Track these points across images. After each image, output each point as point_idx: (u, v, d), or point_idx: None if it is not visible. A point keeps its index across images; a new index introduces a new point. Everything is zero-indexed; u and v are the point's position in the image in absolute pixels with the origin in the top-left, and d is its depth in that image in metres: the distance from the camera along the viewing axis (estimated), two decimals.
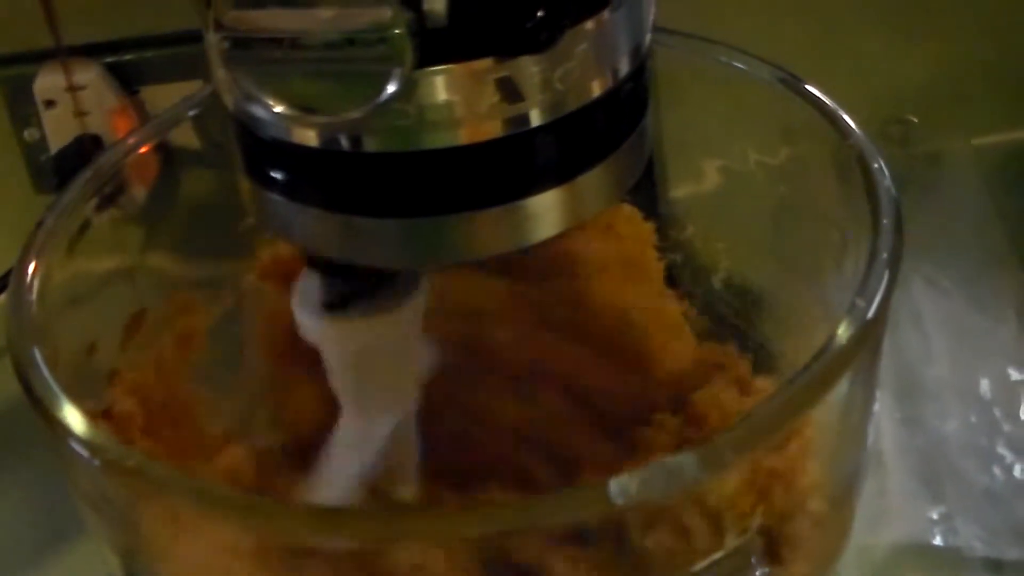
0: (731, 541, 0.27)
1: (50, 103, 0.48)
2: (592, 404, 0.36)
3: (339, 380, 0.30)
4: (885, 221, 0.29)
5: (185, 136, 0.35)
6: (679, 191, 0.39)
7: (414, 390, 0.31)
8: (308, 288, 0.29)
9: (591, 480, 0.27)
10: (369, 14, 0.21)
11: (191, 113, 0.34)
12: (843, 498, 0.31)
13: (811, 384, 0.26)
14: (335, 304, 0.29)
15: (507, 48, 0.23)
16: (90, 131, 0.47)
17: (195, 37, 0.24)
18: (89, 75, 0.47)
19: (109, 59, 0.48)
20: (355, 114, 0.22)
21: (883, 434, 0.44)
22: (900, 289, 0.49)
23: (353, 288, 0.29)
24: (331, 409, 0.31)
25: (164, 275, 0.35)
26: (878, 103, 0.56)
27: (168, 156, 0.35)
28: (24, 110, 0.48)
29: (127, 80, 0.48)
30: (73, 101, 0.47)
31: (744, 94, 0.35)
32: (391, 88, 0.22)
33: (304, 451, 0.32)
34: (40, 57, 0.48)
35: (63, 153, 0.47)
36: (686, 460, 0.24)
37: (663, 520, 0.26)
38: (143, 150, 0.33)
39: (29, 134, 0.49)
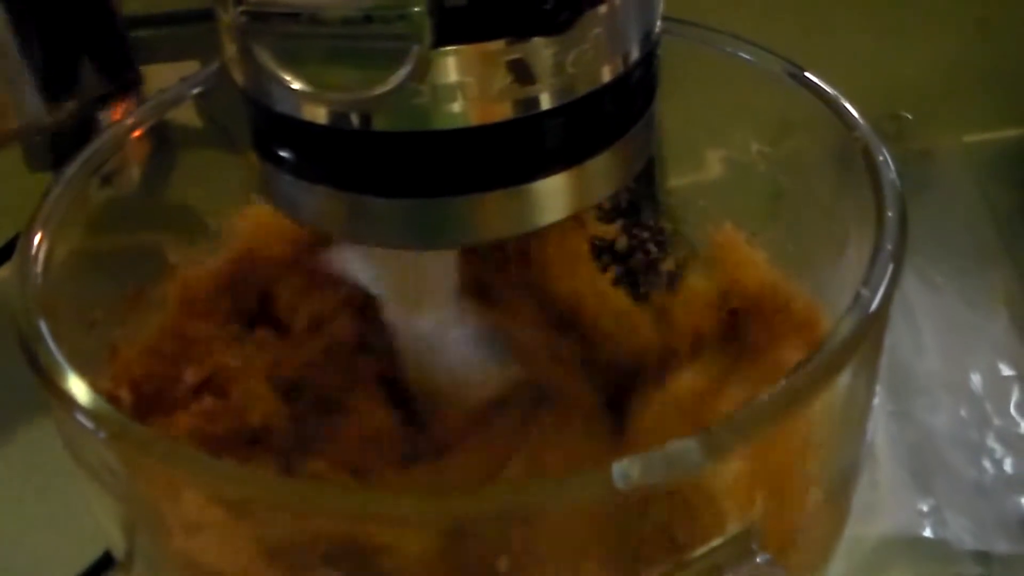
0: (732, 527, 0.27)
1: None
2: None
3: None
4: (890, 214, 0.30)
5: (185, 115, 0.35)
6: (679, 180, 0.39)
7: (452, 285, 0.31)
8: None
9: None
10: None
11: (194, 91, 0.33)
12: (842, 489, 0.31)
13: (815, 374, 0.26)
14: None
15: (526, 28, 0.23)
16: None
17: (192, 16, 0.24)
18: None
19: None
20: (371, 92, 0.22)
21: (875, 427, 0.45)
22: None
23: None
24: None
25: (163, 253, 0.35)
26: (872, 99, 0.55)
27: (163, 134, 0.35)
28: None
29: None
30: None
31: (748, 84, 0.35)
32: (408, 67, 0.22)
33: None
34: None
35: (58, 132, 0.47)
36: (689, 446, 0.24)
37: (664, 504, 0.26)
38: (144, 128, 0.33)
39: None
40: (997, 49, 0.57)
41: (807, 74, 0.34)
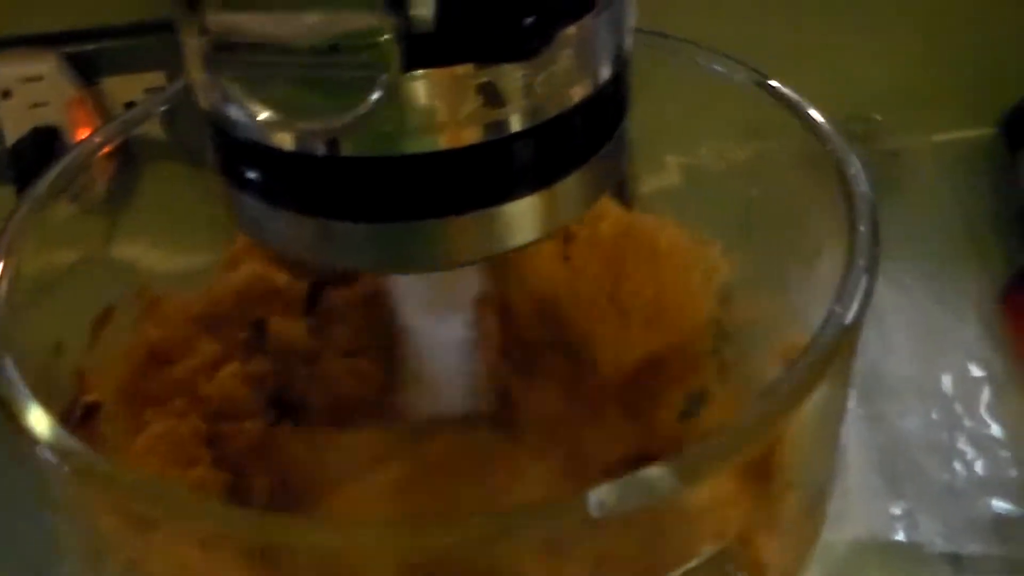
0: (707, 549, 0.27)
1: (6, 93, 0.47)
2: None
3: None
4: (862, 228, 0.30)
5: (151, 129, 0.35)
6: (648, 188, 0.39)
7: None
8: None
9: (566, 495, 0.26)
10: (356, 20, 0.21)
11: (160, 109, 0.33)
12: (817, 500, 0.31)
13: (789, 395, 0.26)
14: None
15: (495, 55, 0.22)
16: (47, 122, 0.46)
17: (156, 27, 0.24)
18: (47, 65, 0.46)
19: (67, 49, 0.47)
20: (339, 120, 0.22)
21: (846, 431, 0.45)
22: None
23: None
24: None
25: (132, 272, 0.34)
26: (841, 100, 0.56)
27: (130, 149, 0.34)
28: None
29: (86, 71, 0.47)
30: (30, 92, 0.46)
31: (720, 95, 0.35)
32: (376, 95, 0.22)
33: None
34: None
35: (19, 145, 0.46)
36: (663, 472, 0.24)
37: (638, 528, 0.26)
38: (111, 146, 0.32)
39: None
40: (964, 49, 0.57)
41: (776, 84, 0.34)
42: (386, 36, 0.21)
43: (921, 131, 0.57)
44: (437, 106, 0.23)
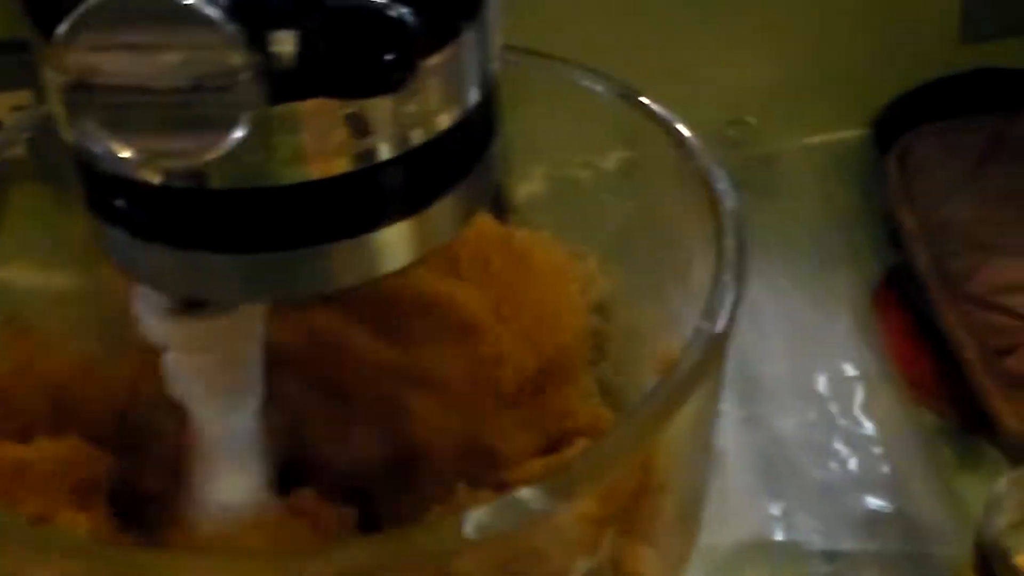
0: (582, 564, 0.27)
1: None
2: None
3: (187, 383, 0.29)
4: (729, 242, 0.30)
5: (17, 151, 0.34)
6: (523, 201, 0.40)
7: (260, 385, 0.30)
8: (150, 291, 0.28)
9: (442, 516, 0.27)
10: (217, 59, 0.21)
11: (25, 136, 0.32)
12: (691, 508, 0.32)
13: (658, 412, 0.26)
14: (181, 306, 0.28)
15: (359, 90, 0.23)
16: None
17: (21, 46, 0.24)
18: None
19: None
20: (203, 158, 0.22)
21: (725, 434, 0.46)
22: None
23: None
24: None
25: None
26: (716, 105, 0.57)
27: None
28: None
29: None
30: None
31: (591, 110, 0.36)
32: (240, 132, 0.22)
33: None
34: None
35: None
36: (536, 493, 0.24)
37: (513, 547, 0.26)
38: None
39: None
40: (836, 52, 0.58)
41: (644, 100, 0.34)
42: (248, 74, 0.21)
43: (794, 134, 0.58)
44: (303, 139, 0.23)
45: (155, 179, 0.24)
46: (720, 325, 0.28)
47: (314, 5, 0.22)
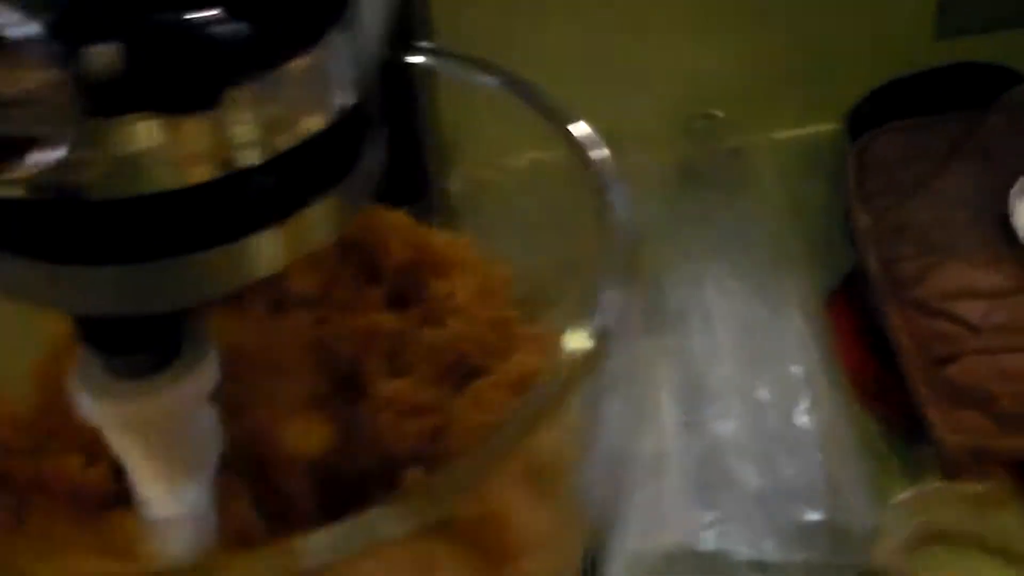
0: None
1: None
2: None
3: (130, 457, 0.29)
4: (615, 256, 0.30)
5: None
6: (439, 203, 0.39)
7: (214, 453, 0.30)
8: (86, 368, 0.28)
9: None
10: (32, 76, 0.21)
11: None
12: (575, 515, 0.31)
13: (518, 427, 0.26)
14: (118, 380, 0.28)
15: (176, 106, 0.22)
16: None
17: None
18: None
19: None
20: (24, 175, 0.22)
21: (666, 438, 0.45)
22: (693, 290, 0.50)
23: (135, 365, 0.28)
24: None
25: None
26: (684, 98, 0.56)
27: None
28: None
29: None
30: None
31: (503, 111, 0.35)
32: (62, 148, 0.21)
33: None
34: None
35: None
36: (384, 513, 0.24)
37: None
38: None
39: None
40: (804, 46, 0.57)
41: (551, 104, 0.33)
42: (60, 93, 0.21)
43: (763, 128, 0.57)
44: (149, 148, 0.23)
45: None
46: (596, 340, 0.28)
47: (138, 20, 0.21)
